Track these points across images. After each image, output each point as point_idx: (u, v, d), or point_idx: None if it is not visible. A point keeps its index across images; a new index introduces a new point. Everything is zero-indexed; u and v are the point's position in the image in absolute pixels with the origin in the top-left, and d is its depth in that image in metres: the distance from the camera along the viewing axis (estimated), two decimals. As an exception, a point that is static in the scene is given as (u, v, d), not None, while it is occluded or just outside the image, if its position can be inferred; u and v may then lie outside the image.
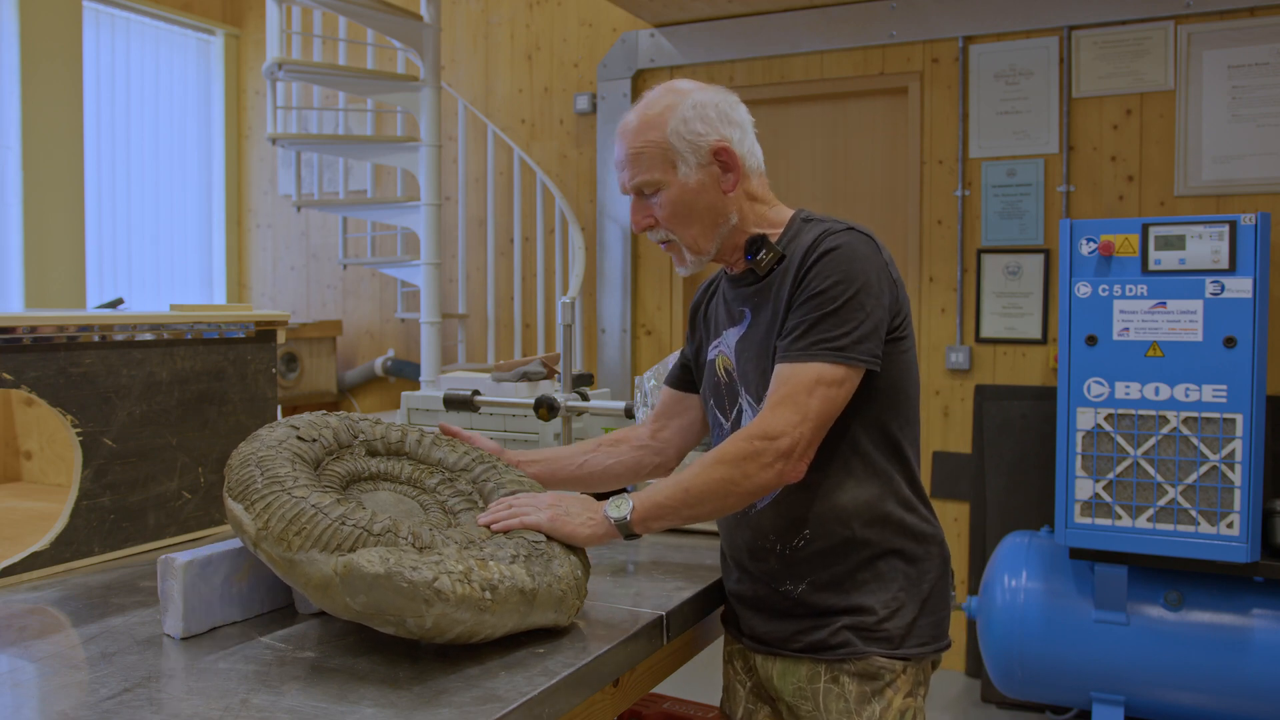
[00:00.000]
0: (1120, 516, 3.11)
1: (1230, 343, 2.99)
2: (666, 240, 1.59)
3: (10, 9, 4.29)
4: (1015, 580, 3.33)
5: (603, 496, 1.50)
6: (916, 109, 4.13)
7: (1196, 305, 3.03)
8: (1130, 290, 3.11)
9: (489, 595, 1.23)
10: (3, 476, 2.39)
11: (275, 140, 4.42)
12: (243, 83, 5.76)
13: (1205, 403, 3.01)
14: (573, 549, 1.42)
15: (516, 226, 4.74)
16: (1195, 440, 3.02)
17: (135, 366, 1.79)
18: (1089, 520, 3.15)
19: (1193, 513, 3.03)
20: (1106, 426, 3.13)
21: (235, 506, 1.28)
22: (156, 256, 5.40)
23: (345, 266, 5.20)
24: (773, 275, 1.54)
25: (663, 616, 1.47)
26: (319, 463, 1.41)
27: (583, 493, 1.62)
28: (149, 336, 1.82)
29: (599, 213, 4.74)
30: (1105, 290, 3.14)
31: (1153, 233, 3.10)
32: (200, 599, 1.34)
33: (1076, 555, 3.19)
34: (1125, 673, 3.17)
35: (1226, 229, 3.01)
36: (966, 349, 4.06)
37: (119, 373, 1.77)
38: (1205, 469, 3.02)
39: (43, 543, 1.66)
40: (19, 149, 4.32)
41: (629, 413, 2.10)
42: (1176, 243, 3.07)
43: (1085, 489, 3.15)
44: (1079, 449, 3.16)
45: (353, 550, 1.20)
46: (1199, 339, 3.02)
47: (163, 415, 1.84)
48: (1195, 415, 3.03)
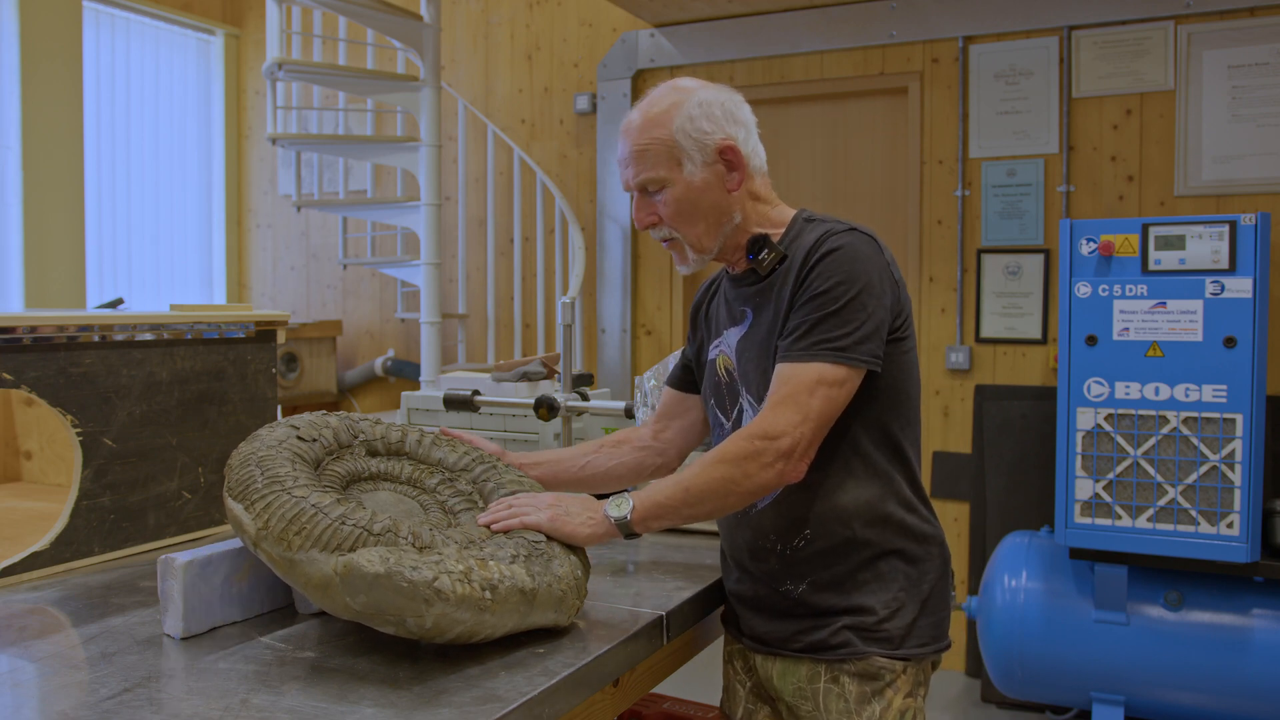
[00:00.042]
0: (1120, 516, 3.11)
1: (1230, 343, 2.99)
2: (669, 238, 1.58)
3: (10, 9, 4.29)
4: (1015, 580, 3.33)
5: (603, 496, 1.50)
6: (916, 109, 4.13)
7: (1196, 305, 3.03)
8: (1130, 290, 3.11)
9: (489, 595, 1.23)
10: (3, 476, 2.39)
11: (275, 140, 4.42)
12: (243, 83, 5.76)
13: (1205, 403, 3.01)
14: (573, 549, 1.42)
15: (516, 226, 4.74)
16: (1195, 440, 3.02)
17: (135, 366, 1.79)
18: (1089, 520, 3.15)
19: (1193, 513, 3.03)
20: (1106, 426, 3.13)
21: (235, 506, 1.28)
22: (156, 256, 5.40)
23: (345, 266, 5.20)
24: (774, 275, 1.54)
25: (663, 616, 1.47)
26: (319, 463, 1.41)
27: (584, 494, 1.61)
28: (149, 336, 1.82)
29: (599, 213, 4.74)
30: (1105, 290, 3.14)
31: (1153, 233, 3.10)
32: (200, 599, 1.34)
33: (1076, 555, 3.19)
34: (1125, 673, 3.17)
35: (1226, 229, 3.01)
36: (966, 349, 4.06)
37: (119, 373, 1.76)
38: (1205, 469, 3.02)
39: (43, 543, 1.66)
40: (19, 149, 4.32)
41: (629, 413, 2.10)
42: (1176, 243, 3.07)
43: (1085, 489, 3.15)
44: (1079, 449, 3.16)
45: (353, 550, 1.20)
46: (1199, 339, 3.02)
47: (163, 415, 1.84)
48: (1195, 415, 3.03)
